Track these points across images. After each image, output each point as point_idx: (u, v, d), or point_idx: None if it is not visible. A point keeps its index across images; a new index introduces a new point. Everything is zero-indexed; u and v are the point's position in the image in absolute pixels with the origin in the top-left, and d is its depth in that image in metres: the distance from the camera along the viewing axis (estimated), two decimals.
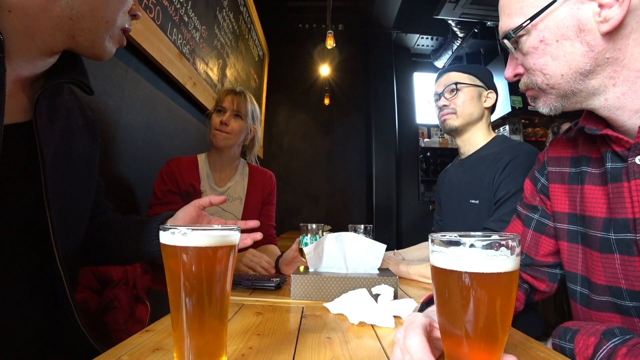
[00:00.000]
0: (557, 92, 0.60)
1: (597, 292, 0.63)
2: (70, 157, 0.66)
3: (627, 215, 0.57)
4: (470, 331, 0.36)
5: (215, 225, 0.46)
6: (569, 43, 0.55)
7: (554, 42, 0.56)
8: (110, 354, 0.49)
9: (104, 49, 0.60)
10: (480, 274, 0.35)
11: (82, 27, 0.56)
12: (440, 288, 0.39)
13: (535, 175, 0.78)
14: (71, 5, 0.53)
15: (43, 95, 0.58)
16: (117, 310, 0.89)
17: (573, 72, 0.56)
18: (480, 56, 4.02)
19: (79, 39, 0.57)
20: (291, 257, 1.15)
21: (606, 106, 0.58)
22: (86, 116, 0.73)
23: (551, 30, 0.56)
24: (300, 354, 0.52)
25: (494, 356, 0.37)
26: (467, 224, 1.20)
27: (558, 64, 0.57)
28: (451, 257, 0.37)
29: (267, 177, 1.52)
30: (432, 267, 0.40)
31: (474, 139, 1.28)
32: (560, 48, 0.56)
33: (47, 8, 0.52)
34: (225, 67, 2.58)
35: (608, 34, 0.53)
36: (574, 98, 0.59)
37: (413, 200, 4.20)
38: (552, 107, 0.62)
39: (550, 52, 0.57)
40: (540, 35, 0.57)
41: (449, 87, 1.27)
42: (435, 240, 0.39)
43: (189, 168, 1.36)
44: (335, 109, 4.40)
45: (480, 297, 0.36)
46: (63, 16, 0.54)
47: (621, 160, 0.58)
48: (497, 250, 0.36)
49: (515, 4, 0.60)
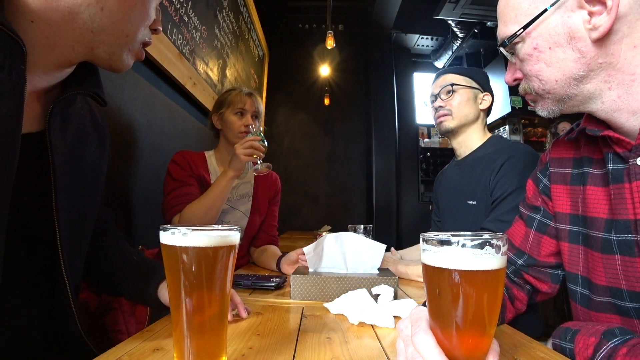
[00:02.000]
0: (553, 97, 0.61)
1: (597, 293, 0.63)
2: (80, 166, 0.66)
3: (629, 216, 0.57)
4: (460, 326, 0.38)
5: (216, 226, 0.46)
6: (561, 50, 0.57)
7: (547, 49, 0.58)
8: (110, 354, 0.49)
9: (122, 62, 0.60)
10: (469, 272, 0.37)
11: (102, 40, 0.55)
12: (431, 285, 0.41)
13: (538, 175, 0.78)
14: (93, 18, 0.53)
15: (57, 105, 0.58)
16: (117, 310, 0.89)
17: (567, 78, 0.58)
18: (480, 56, 4.02)
19: (98, 51, 0.57)
20: (294, 258, 1.15)
21: (603, 109, 0.59)
22: (96, 123, 0.74)
23: (544, 38, 0.58)
24: (300, 354, 0.52)
25: (482, 349, 0.39)
26: (465, 224, 1.21)
27: (552, 70, 0.59)
28: (441, 255, 0.39)
29: (272, 179, 1.53)
30: (423, 265, 0.42)
31: (470, 141, 1.29)
32: (553, 55, 0.58)
33: (69, 20, 0.52)
34: (225, 67, 2.58)
35: (599, 41, 0.54)
36: (570, 102, 0.61)
37: (413, 200, 4.20)
38: (550, 111, 0.64)
39: (544, 59, 0.59)
40: (533, 42, 0.59)
41: (445, 89, 1.28)
42: (426, 240, 0.41)
43: (199, 160, 1.36)
44: (335, 109, 4.40)
45: (468, 294, 0.38)
46: (84, 28, 0.53)
47: (622, 161, 0.58)
48: (484, 249, 0.38)
49: (509, 13, 0.61)
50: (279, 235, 1.55)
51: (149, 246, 1.31)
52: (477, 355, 0.39)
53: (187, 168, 1.30)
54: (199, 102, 2.05)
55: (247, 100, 1.37)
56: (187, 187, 1.25)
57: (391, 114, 4.19)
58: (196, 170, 1.32)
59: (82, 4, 0.51)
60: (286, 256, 1.19)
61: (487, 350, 0.39)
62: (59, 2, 0.50)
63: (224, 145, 1.41)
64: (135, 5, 0.56)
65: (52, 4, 0.50)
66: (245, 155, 1.17)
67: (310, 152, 4.42)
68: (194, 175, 1.30)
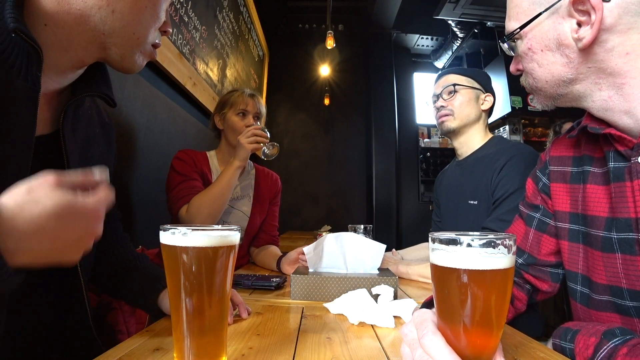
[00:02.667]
0: (544, 94, 0.64)
1: (597, 292, 0.63)
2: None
3: (630, 215, 0.57)
4: (468, 325, 0.38)
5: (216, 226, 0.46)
6: (551, 54, 0.59)
7: (539, 51, 0.60)
8: (110, 354, 0.49)
9: (134, 63, 0.61)
10: (478, 271, 0.37)
11: (113, 42, 0.56)
12: (440, 285, 0.41)
13: (537, 174, 0.78)
14: (104, 20, 0.54)
15: (70, 108, 0.59)
16: (117, 310, 0.89)
17: (556, 80, 0.60)
18: (480, 56, 4.02)
19: (110, 52, 0.58)
20: (294, 258, 1.15)
21: (594, 107, 0.60)
22: (104, 122, 0.75)
23: (537, 40, 0.60)
24: (300, 354, 0.52)
25: (491, 349, 0.39)
26: (467, 224, 1.21)
27: (542, 71, 0.61)
28: (450, 255, 0.39)
29: (273, 179, 1.53)
30: (431, 264, 0.42)
31: (471, 141, 1.29)
32: (544, 57, 0.60)
33: (81, 22, 0.53)
34: (225, 67, 2.58)
35: (585, 50, 0.55)
36: (561, 99, 0.63)
37: (413, 200, 4.20)
38: (544, 105, 0.66)
39: (536, 60, 0.61)
40: (528, 43, 0.61)
41: (447, 89, 1.28)
42: (435, 239, 0.41)
43: (202, 159, 1.37)
44: (335, 109, 4.40)
45: (477, 293, 0.37)
46: (96, 31, 0.54)
47: (624, 159, 0.58)
48: (493, 248, 0.38)
49: (513, 9, 0.63)
50: (279, 235, 1.55)
51: (149, 246, 1.31)
52: (485, 355, 0.39)
53: (191, 164, 1.30)
54: (199, 102, 2.05)
55: (249, 102, 1.37)
56: (192, 181, 1.25)
57: (391, 114, 4.19)
58: (200, 166, 1.32)
59: (93, 6, 0.52)
60: (286, 256, 1.19)
61: (495, 350, 0.39)
62: (71, 6, 0.51)
63: (226, 146, 1.41)
64: (145, 8, 0.57)
65: (64, 7, 0.51)
66: (250, 143, 1.18)
67: (310, 152, 4.42)
68: (197, 171, 1.31)
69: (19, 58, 0.47)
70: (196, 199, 1.17)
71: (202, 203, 1.16)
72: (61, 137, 0.58)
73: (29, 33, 0.46)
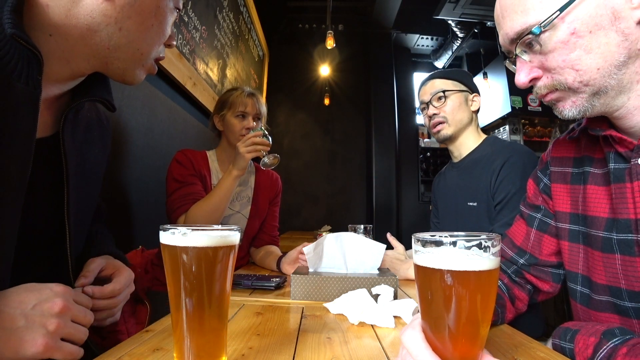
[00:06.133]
0: (591, 90, 0.54)
1: (597, 292, 0.63)
2: (85, 168, 0.68)
3: (630, 216, 0.57)
4: (452, 327, 0.38)
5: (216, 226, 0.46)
6: (603, 33, 0.51)
7: (587, 33, 0.51)
8: (110, 354, 0.49)
9: (134, 77, 0.61)
10: (460, 272, 0.37)
11: (117, 57, 0.57)
12: (423, 286, 0.40)
13: (538, 175, 0.78)
14: (110, 36, 0.54)
15: (70, 112, 0.60)
16: None
17: (609, 65, 0.52)
18: (481, 56, 4.01)
19: (112, 66, 0.58)
20: (294, 257, 1.15)
21: (626, 106, 0.55)
22: (101, 125, 0.75)
23: (583, 21, 0.51)
24: (300, 354, 0.52)
25: (475, 350, 0.39)
26: (467, 226, 1.21)
27: (593, 57, 0.52)
28: (432, 256, 0.38)
29: (273, 179, 1.52)
30: (415, 265, 0.41)
31: (466, 143, 1.30)
32: (593, 39, 0.51)
33: (87, 36, 0.53)
34: (225, 67, 2.58)
35: None
36: (603, 98, 0.55)
37: (413, 200, 4.20)
38: (582, 109, 0.56)
39: (584, 45, 0.52)
40: (570, 27, 0.52)
41: (436, 95, 1.28)
42: (418, 241, 0.40)
43: (201, 159, 1.35)
44: (335, 109, 4.40)
45: (460, 295, 0.37)
46: (101, 45, 0.54)
47: (624, 161, 0.58)
48: (476, 249, 0.37)
49: (528, 1, 0.54)
50: (279, 235, 1.55)
51: (149, 246, 1.31)
52: (469, 357, 0.39)
53: (189, 167, 1.29)
54: (199, 102, 2.05)
55: (249, 102, 1.34)
56: (190, 186, 1.24)
57: (391, 113, 4.19)
58: (198, 168, 1.31)
59: (101, 22, 0.52)
60: (286, 256, 1.19)
61: (479, 352, 0.39)
62: (79, 19, 0.51)
63: (226, 146, 1.40)
64: (152, 26, 0.57)
65: (71, 20, 0.51)
66: (248, 152, 1.17)
67: (310, 152, 4.42)
68: (196, 174, 1.29)
69: (20, 63, 0.47)
70: (193, 209, 1.16)
71: (200, 213, 1.15)
72: (61, 140, 0.59)
73: (28, 38, 0.47)
